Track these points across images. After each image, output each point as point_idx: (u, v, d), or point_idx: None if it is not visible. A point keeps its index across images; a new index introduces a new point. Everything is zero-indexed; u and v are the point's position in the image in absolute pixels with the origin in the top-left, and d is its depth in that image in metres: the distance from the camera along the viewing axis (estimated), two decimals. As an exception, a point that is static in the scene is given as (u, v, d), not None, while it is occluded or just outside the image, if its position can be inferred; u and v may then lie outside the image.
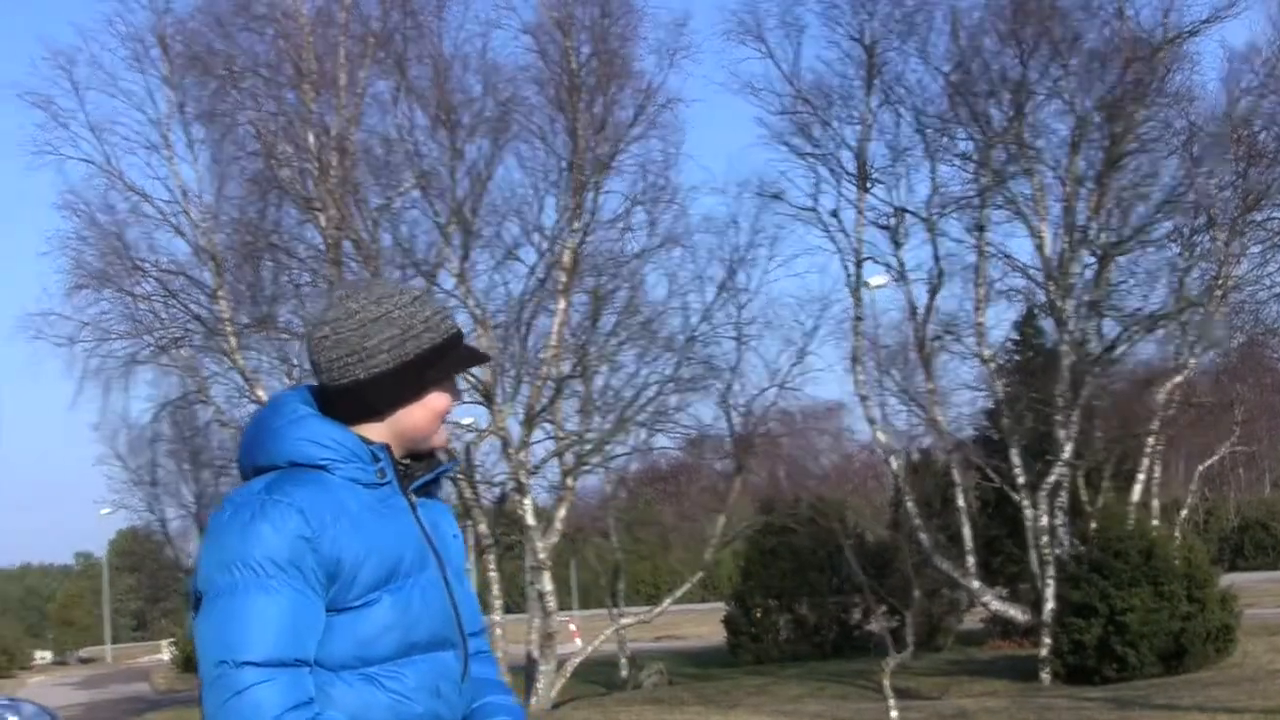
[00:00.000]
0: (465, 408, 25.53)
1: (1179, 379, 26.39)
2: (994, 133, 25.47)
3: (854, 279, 26.70)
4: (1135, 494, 26.14)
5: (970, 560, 26.21)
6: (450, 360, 2.66)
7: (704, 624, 44.81)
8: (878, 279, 27.12)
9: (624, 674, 30.70)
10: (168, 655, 62.29)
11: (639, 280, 27.03)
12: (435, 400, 2.65)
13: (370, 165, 25.60)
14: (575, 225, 25.25)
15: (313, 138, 24.50)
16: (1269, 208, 26.25)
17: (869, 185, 26.56)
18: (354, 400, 2.60)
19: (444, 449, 2.77)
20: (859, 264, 26.63)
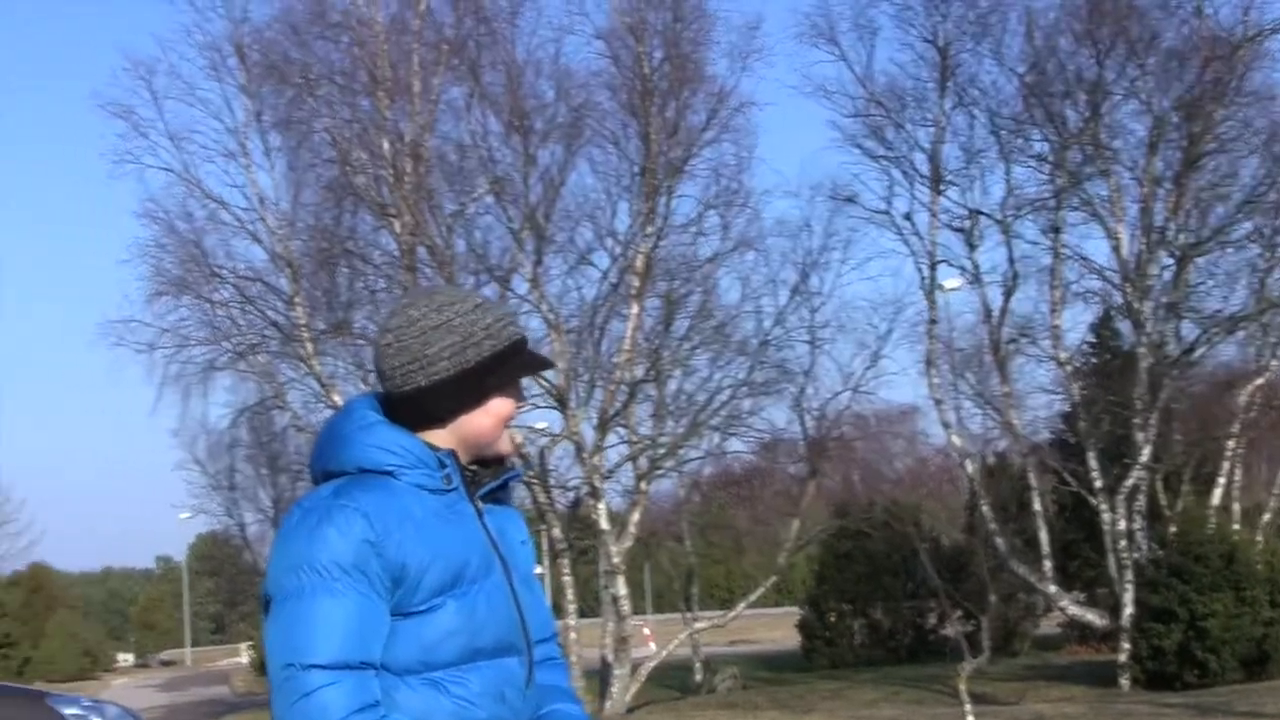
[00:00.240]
0: (539, 413, 25.68)
1: (1260, 381, 26.04)
2: (1069, 134, 25.24)
3: (928, 282, 26.63)
4: (1215, 497, 25.76)
5: (1047, 564, 25.96)
6: (512, 367, 2.66)
7: (778, 628, 44.64)
8: (952, 282, 26.97)
9: (698, 678, 30.65)
10: (246, 658, 62.77)
11: (712, 284, 27.11)
12: (498, 406, 2.66)
13: (444, 171, 25.82)
14: (648, 230, 25.29)
15: (387, 144, 24.72)
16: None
17: (943, 188, 26.41)
18: (416, 407, 2.62)
19: (514, 455, 2.78)
20: (933, 267, 26.55)
